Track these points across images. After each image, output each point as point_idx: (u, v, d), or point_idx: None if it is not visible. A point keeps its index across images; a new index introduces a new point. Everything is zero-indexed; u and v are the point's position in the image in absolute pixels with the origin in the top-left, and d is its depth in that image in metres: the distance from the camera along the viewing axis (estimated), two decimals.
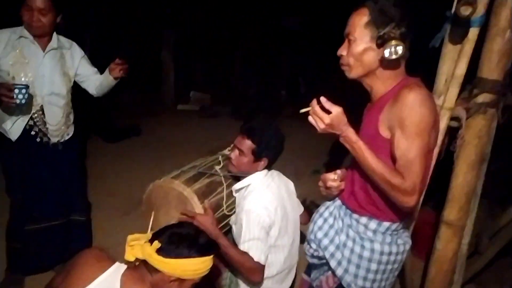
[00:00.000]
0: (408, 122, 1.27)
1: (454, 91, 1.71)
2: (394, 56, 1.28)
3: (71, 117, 2.37)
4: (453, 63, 1.70)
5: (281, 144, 1.92)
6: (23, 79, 2.08)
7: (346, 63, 1.41)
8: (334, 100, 1.31)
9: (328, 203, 1.70)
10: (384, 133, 1.36)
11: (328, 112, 1.29)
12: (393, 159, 1.33)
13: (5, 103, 1.94)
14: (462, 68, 1.67)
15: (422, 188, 1.31)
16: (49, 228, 2.34)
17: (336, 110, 1.29)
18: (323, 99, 1.29)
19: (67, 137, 2.34)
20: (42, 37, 2.15)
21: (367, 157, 1.31)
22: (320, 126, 1.31)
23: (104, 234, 2.89)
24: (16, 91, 1.90)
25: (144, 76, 7.03)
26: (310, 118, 1.33)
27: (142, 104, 6.83)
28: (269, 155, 1.88)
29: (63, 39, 2.29)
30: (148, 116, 6.19)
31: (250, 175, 1.90)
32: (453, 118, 1.75)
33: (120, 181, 3.88)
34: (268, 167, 1.94)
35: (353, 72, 1.41)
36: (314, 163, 4.41)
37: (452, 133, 1.77)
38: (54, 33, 2.21)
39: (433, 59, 1.77)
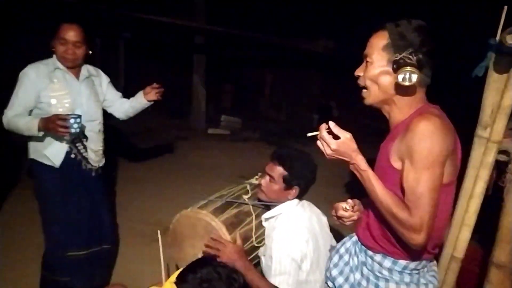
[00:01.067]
0: (417, 154, 1.19)
1: (501, 123, 1.60)
2: (407, 83, 1.22)
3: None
4: (499, 93, 1.60)
5: (313, 172, 1.86)
6: (60, 109, 2.12)
7: (362, 84, 1.37)
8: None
9: (345, 238, 1.62)
10: (395, 163, 1.28)
11: (336, 137, 1.25)
12: (403, 192, 1.25)
13: (59, 133, 1.97)
14: (509, 98, 1.57)
15: (431, 225, 1.21)
16: (86, 255, 2.33)
17: (344, 135, 1.25)
18: (331, 123, 1.26)
19: (101, 164, 2.38)
20: (75, 68, 2.23)
21: (375, 187, 1.25)
22: (327, 151, 1.28)
23: (130, 261, 2.87)
24: (72, 121, 1.94)
25: (175, 100, 7.19)
26: (318, 143, 1.30)
27: (173, 128, 6.93)
28: (301, 183, 1.81)
29: (90, 67, 2.35)
30: (178, 140, 6.26)
31: (280, 204, 1.83)
32: (501, 152, 1.64)
33: (148, 207, 3.88)
34: (300, 196, 1.87)
35: (371, 97, 1.35)
36: (348, 192, 4.27)
37: (501, 167, 1.65)
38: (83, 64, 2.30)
39: (477, 89, 1.67)
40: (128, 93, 2.52)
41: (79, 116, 1.99)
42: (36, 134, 2.03)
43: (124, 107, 2.45)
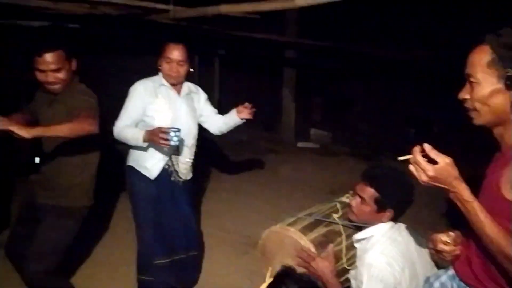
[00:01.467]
0: None
1: None
2: None
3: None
4: None
5: (409, 194, 1.71)
6: (162, 123, 2.26)
7: (472, 107, 1.20)
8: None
9: (440, 271, 1.46)
10: (508, 194, 1.10)
11: (433, 162, 1.09)
12: None
13: (160, 145, 2.12)
14: None
15: None
16: (172, 262, 2.46)
17: (444, 161, 1.08)
18: (427, 146, 1.10)
19: (189, 177, 2.50)
20: (178, 85, 2.39)
21: (482, 221, 1.07)
22: (422, 178, 1.11)
23: (217, 270, 2.93)
24: (172, 134, 2.06)
25: (266, 113, 7.32)
26: (411, 167, 1.13)
27: (264, 140, 7.05)
28: (395, 206, 1.68)
29: (190, 84, 2.50)
30: (268, 153, 6.34)
31: (372, 226, 1.72)
32: None
33: (237, 218, 3.95)
34: (395, 219, 1.73)
35: (482, 118, 1.19)
36: (445, 216, 3.87)
37: None
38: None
39: None
40: (222, 107, 2.63)
41: (179, 130, 2.11)
42: (141, 144, 2.19)
43: (218, 123, 2.55)
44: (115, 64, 5.65)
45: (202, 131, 2.61)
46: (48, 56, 1.89)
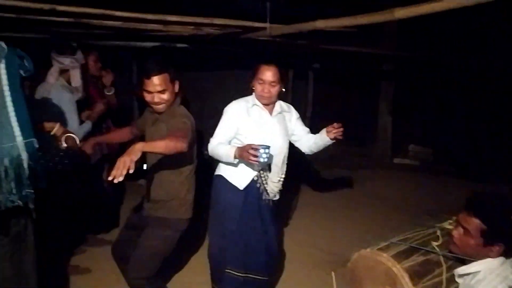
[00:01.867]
0: None
1: None
2: None
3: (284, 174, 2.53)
4: None
5: None
6: (253, 141, 2.31)
7: None
8: None
9: None
10: None
11: None
12: None
13: (250, 161, 2.20)
14: None
15: None
16: (244, 278, 2.46)
17: None
18: None
19: (276, 198, 2.52)
20: (270, 104, 2.46)
21: None
22: None
23: (296, 284, 2.88)
24: (261, 151, 2.14)
25: (360, 127, 7.09)
26: None
27: (357, 155, 6.83)
28: (506, 241, 1.49)
29: (282, 103, 2.54)
30: (361, 169, 6.13)
31: (478, 260, 1.55)
32: None
33: (324, 234, 3.86)
34: (506, 254, 1.54)
35: None
36: None
37: None
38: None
39: None
40: (315, 121, 2.60)
41: (268, 147, 2.17)
42: (232, 161, 2.30)
43: (309, 143, 2.53)
44: (217, 80, 6.02)
45: (292, 147, 2.62)
46: (155, 79, 2.08)
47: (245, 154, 2.17)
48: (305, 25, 2.86)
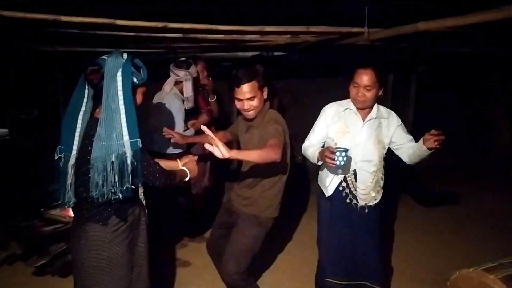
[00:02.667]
0: None
1: None
2: None
3: (381, 183, 2.44)
4: None
5: None
6: (343, 146, 2.31)
7: None
8: None
9: None
10: None
11: None
12: None
13: (327, 164, 2.24)
14: None
15: None
16: (345, 286, 2.45)
17: None
18: None
19: (374, 202, 2.43)
20: (364, 109, 2.39)
21: None
22: None
23: None
24: (337, 153, 2.15)
25: (472, 135, 6.44)
26: None
27: (465, 167, 6.23)
28: None
29: (382, 109, 2.44)
30: (470, 181, 5.58)
31: None
32: None
33: (426, 251, 3.62)
34: None
35: None
36: None
37: None
38: (376, 104, 2.40)
39: None
40: (417, 127, 2.45)
41: (346, 150, 2.15)
42: (316, 162, 2.37)
43: (409, 152, 2.37)
44: (315, 86, 6.05)
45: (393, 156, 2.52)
46: (245, 87, 2.19)
47: (323, 156, 2.21)
48: (406, 28, 2.72)
